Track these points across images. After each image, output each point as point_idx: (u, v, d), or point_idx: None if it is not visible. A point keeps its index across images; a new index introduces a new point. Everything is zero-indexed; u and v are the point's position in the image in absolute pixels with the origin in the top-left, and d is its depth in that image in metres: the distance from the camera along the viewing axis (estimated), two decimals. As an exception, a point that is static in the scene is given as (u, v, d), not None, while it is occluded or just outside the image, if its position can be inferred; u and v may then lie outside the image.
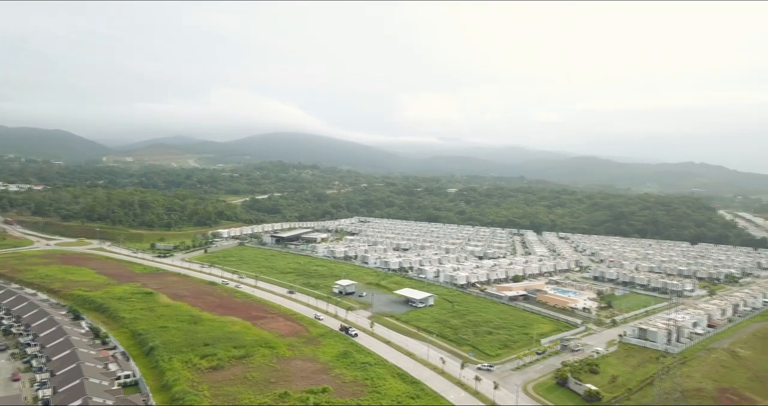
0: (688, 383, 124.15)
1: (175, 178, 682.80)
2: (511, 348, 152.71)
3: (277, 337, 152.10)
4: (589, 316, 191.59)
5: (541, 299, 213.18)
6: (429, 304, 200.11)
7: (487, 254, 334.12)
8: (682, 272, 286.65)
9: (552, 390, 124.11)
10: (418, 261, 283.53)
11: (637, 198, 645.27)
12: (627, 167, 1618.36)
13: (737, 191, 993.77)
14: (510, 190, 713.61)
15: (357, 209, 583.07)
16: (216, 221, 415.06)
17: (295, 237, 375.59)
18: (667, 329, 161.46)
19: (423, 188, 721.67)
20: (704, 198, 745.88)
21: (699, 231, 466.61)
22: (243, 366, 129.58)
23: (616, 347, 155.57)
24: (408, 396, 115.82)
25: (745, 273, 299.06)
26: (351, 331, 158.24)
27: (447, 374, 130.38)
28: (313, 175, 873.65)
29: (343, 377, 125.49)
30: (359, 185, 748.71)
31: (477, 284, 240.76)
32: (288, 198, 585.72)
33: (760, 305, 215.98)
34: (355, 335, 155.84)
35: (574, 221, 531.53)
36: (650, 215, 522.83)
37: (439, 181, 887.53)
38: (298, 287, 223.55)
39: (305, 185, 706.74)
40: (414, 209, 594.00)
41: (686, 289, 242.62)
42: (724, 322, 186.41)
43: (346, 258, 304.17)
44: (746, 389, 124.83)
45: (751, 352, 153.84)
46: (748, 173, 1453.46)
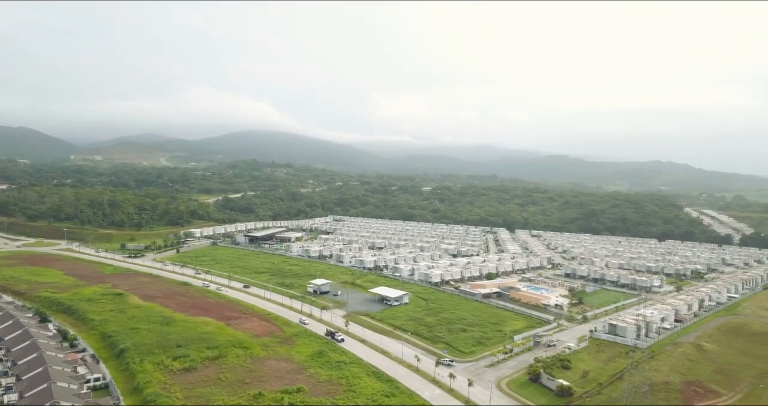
0: (656, 376, 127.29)
1: (146, 176, 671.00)
2: (485, 345, 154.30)
3: (251, 337, 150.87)
4: (561, 312, 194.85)
5: (514, 296, 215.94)
6: (404, 302, 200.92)
7: (461, 251, 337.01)
8: (650, 268, 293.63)
9: (525, 386, 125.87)
10: (393, 259, 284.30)
11: (607, 196, 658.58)
12: (597, 166, 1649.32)
13: (702, 189, 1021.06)
14: (483, 189, 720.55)
15: (332, 208, 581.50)
16: (188, 220, 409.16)
17: (269, 236, 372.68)
18: (636, 324, 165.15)
19: (398, 187, 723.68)
20: (671, 196, 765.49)
21: (666, 228, 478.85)
22: (216, 367, 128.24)
23: (587, 343, 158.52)
24: (383, 394, 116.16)
25: (710, 269, 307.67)
26: (337, 336, 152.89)
27: (422, 371, 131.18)
28: (287, 173, 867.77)
29: (318, 376, 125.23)
30: (334, 184, 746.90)
31: (451, 282, 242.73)
32: (261, 197, 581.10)
33: (725, 299, 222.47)
34: (342, 340, 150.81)
35: (546, 219, 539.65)
36: (620, 212, 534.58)
37: (414, 179, 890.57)
38: (272, 287, 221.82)
39: (279, 184, 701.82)
40: (389, 208, 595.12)
41: (654, 285, 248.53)
42: (690, 317, 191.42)
43: (320, 257, 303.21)
44: (711, 382, 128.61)
45: (716, 345, 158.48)
46: (712, 172, 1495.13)
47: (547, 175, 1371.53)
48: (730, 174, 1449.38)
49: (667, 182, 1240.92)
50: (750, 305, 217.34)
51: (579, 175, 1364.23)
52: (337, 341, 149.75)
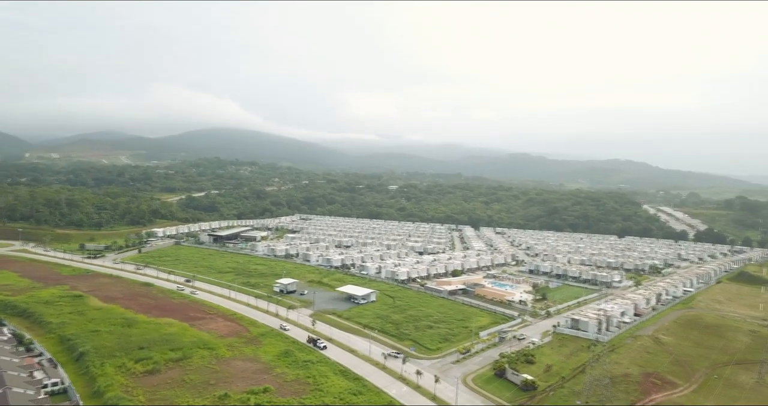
0: (616, 369, 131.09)
1: (106, 175, 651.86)
2: (452, 341, 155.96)
3: (216, 338, 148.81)
4: (525, 308, 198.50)
5: (479, 293, 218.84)
6: (371, 300, 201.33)
7: (427, 249, 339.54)
8: (610, 264, 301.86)
9: (490, 381, 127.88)
10: (360, 258, 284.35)
11: (569, 194, 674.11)
12: (559, 164, 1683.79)
13: (659, 187, 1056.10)
14: (449, 187, 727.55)
15: (298, 207, 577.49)
16: (150, 219, 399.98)
17: (233, 235, 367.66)
18: (597, 318, 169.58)
19: (364, 185, 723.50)
20: (630, 193, 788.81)
21: (626, 225, 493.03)
22: (180, 369, 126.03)
23: (550, 338, 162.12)
24: (350, 393, 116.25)
25: (667, 264, 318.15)
26: (319, 343, 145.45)
27: (389, 369, 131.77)
28: (251, 172, 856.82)
29: (285, 376, 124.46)
30: (300, 182, 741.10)
31: (417, 279, 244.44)
32: (226, 196, 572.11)
33: (681, 293, 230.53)
34: (324, 347, 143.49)
35: (510, 217, 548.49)
36: (581, 209, 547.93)
37: (381, 178, 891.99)
38: (237, 287, 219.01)
39: (244, 182, 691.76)
40: (356, 206, 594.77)
41: (615, 280, 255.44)
42: (648, 310, 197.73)
43: (287, 256, 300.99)
44: (668, 373, 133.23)
45: (673, 338, 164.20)
46: (668, 170, 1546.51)
47: (511, 173, 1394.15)
48: (685, 172, 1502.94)
49: (626, 180, 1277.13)
50: (704, 299, 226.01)
51: (542, 174, 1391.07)
52: (319, 348, 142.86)
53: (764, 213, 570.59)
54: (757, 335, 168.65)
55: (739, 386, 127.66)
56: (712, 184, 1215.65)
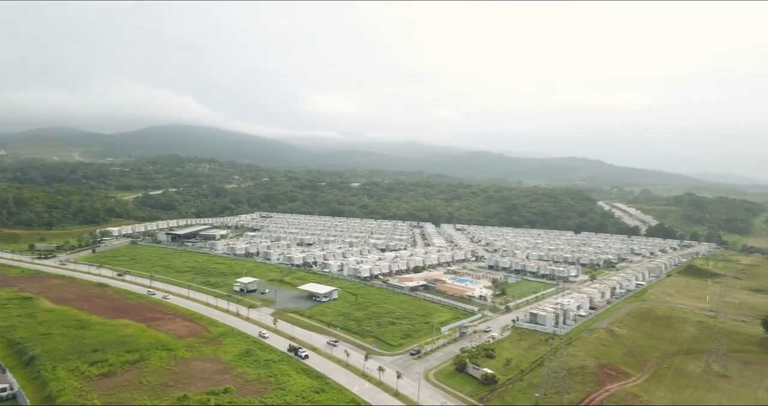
0: (573, 361, 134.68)
1: (57, 172, 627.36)
2: (413, 337, 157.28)
3: (174, 338, 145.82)
4: (485, 303, 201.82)
5: (440, 289, 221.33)
6: (333, 298, 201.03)
7: (389, 246, 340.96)
8: (567, 259, 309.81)
9: (452, 376, 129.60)
10: (322, 256, 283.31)
11: (527, 191, 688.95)
12: (517, 162, 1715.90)
13: (613, 184, 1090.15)
14: (410, 185, 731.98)
15: (258, 204, 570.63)
16: (105, 218, 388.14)
17: (192, 234, 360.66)
18: (554, 312, 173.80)
19: (326, 183, 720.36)
20: (586, 190, 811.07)
21: (582, 221, 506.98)
22: (137, 371, 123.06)
23: (510, 332, 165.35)
24: (313, 391, 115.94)
25: (620, 258, 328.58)
26: (301, 352, 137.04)
27: (351, 366, 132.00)
28: (210, 169, 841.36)
29: (246, 375, 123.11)
30: (260, 180, 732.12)
31: (380, 276, 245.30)
32: (184, 194, 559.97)
33: (633, 287, 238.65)
34: (306, 356, 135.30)
35: (470, 213, 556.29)
36: (539, 206, 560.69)
37: (343, 175, 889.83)
38: (196, 286, 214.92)
39: (202, 180, 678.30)
40: (318, 204, 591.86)
41: (571, 275, 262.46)
42: (603, 304, 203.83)
43: (247, 255, 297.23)
44: (622, 364, 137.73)
45: (626, 330, 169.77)
46: (622, 167, 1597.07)
47: (471, 170, 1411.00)
48: (638, 169, 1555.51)
49: (582, 177, 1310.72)
50: (655, 292, 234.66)
51: (501, 171, 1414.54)
52: (301, 357, 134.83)
53: (711, 209, 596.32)
54: (703, 326, 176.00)
55: (687, 375, 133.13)
56: (664, 181, 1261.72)
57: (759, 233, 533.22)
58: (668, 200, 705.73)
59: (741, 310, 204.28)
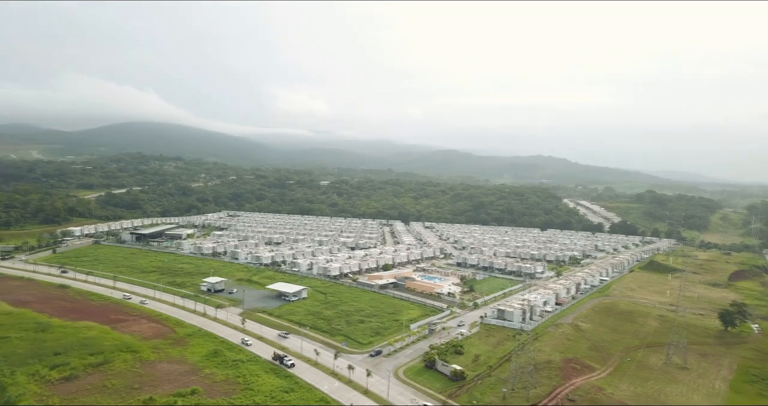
0: (540, 356, 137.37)
1: (15, 171, 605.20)
2: (383, 335, 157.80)
3: (139, 340, 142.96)
4: (453, 300, 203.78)
5: (409, 286, 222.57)
6: (302, 297, 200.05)
7: (358, 244, 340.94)
8: (533, 256, 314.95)
9: (421, 373, 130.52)
10: (291, 254, 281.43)
11: (494, 189, 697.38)
12: (485, 160, 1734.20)
13: (578, 182, 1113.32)
14: (380, 183, 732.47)
15: (226, 203, 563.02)
16: (66, 218, 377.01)
17: (158, 234, 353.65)
18: (522, 308, 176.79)
19: (295, 181, 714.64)
20: (551, 188, 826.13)
21: (547, 218, 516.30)
22: (101, 374, 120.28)
23: (478, 328, 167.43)
24: (282, 390, 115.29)
25: (585, 255, 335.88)
26: (286, 360, 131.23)
27: (321, 365, 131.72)
28: (176, 167, 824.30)
29: (214, 376, 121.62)
30: (228, 178, 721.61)
31: (349, 275, 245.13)
32: (149, 192, 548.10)
33: (597, 282, 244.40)
34: (292, 365, 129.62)
35: (439, 211, 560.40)
36: (506, 204, 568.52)
37: (312, 173, 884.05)
38: (162, 287, 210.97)
39: (168, 178, 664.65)
40: (286, 202, 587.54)
41: (537, 271, 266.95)
42: (568, 299, 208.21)
43: (214, 254, 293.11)
44: (586, 358, 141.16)
45: (590, 325, 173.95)
46: (586, 166, 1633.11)
47: (440, 169, 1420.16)
48: (601, 168, 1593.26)
49: (547, 175, 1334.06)
50: (618, 287, 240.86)
51: (469, 169, 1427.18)
52: (287, 366, 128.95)
53: (671, 206, 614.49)
54: (664, 320, 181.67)
55: (649, 368, 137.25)
56: (626, 179, 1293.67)
57: (716, 229, 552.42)
58: (630, 198, 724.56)
59: (699, 304, 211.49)
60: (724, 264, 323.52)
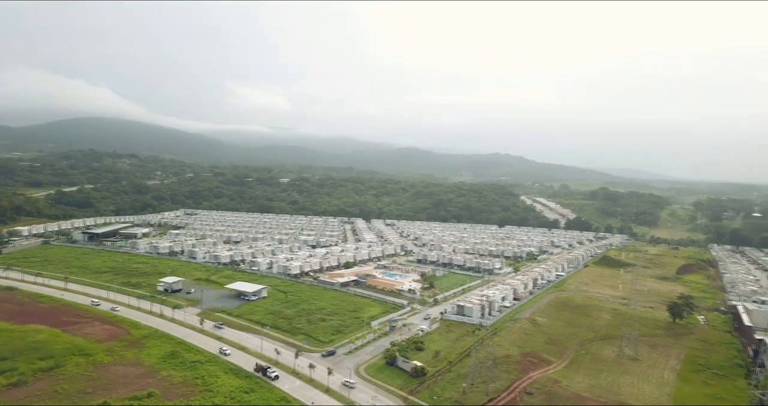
0: (498, 351, 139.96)
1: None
2: (344, 333, 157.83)
3: (93, 343, 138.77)
4: (414, 297, 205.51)
5: (370, 284, 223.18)
6: (262, 296, 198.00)
7: (320, 242, 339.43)
8: (492, 252, 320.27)
9: (382, 370, 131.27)
10: (250, 253, 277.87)
11: (453, 186, 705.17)
12: (444, 158, 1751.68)
13: (535, 179, 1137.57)
14: (341, 180, 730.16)
15: (183, 201, 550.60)
16: (13, 217, 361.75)
17: (111, 233, 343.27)
18: (481, 304, 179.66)
19: (254, 178, 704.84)
20: (509, 185, 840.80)
21: (505, 215, 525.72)
22: (52, 379, 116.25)
23: (438, 324, 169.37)
24: (242, 391, 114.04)
25: (541, 251, 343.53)
26: (270, 372, 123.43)
27: (282, 364, 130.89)
28: (131, 164, 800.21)
29: (172, 378, 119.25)
30: (185, 175, 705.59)
31: (310, 273, 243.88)
32: (102, 190, 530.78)
33: (553, 278, 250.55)
34: (276, 377, 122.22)
35: (400, 209, 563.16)
36: (465, 201, 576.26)
37: (272, 171, 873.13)
38: (116, 288, 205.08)
39: (122, 176, 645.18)
40: (245, 200, 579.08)
41: (496, 267, 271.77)
42: (526, 295, 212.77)
43: (171, 254, 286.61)
44: (543, 352, 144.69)
45: (547, 319, 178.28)
46: (542, 163, 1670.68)
47: (401, 166, 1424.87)
48: (557, 165, 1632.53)
49: (505, 173, 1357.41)
50: (574, 282, 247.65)
51: (429, 167, 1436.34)
52: (270, 378, 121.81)
53: (623, 203, 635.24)
54: (617, 313, 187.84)
55: (603, 360, 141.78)
56: (581, 176, 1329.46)
57: (665, 224, 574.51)
58: (585, 195, 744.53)
59: (649, 297, 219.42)
60: (673, 258, 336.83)
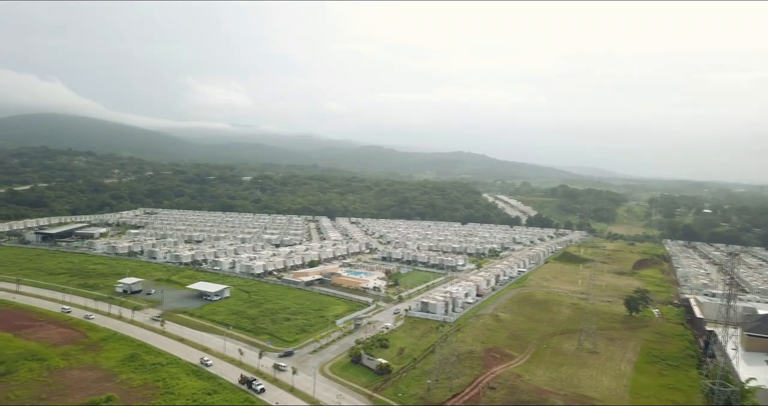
0: (462, 347, 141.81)
1: None
2: (309, 332, 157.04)
3: (47, 347, 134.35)
4: (379, 294, 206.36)
5: (335, 282, 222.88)
6: (225, 296, 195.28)
7: (283, 241, 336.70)
8: (455, 249, 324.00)
9: (347, 368, 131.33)
10: (212, 253, 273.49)
11: (417, 184, 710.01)
12: (408, 156, 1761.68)
13: (497, 177, 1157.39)
14: (305, 178, 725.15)
15: (142, 200, 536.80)
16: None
17: (67, 233, 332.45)
18: (444, 301, 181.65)
19: (216, 176, 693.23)
20: (471, 183, 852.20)
21: (468, 212, 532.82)
22: (3, 385, 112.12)
23: (402, 321, 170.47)
24: (204, 393, 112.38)
25: (503, 247, 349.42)
26: (256, 385, 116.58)
27: (245, 365, 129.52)
28: (87, 163, 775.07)
29: (131, 381, 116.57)
30: (144, 174, 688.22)
31: (274, 272, 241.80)
32: (57, 189, 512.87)
33: (515, 274, 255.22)
34: (262, 389, 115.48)
35: (364, 207, 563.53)
36: (429, 199, 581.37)
37: (234, 169, 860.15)
38: (72, 289, 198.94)
39: (78, 174, 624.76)
40: (207, 199, 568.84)
41: (459, 264, 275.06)
42: (489, 291, 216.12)
43: (130, 254, 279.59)
44: (506, 347, 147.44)
45: (509, 315, 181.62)
46: (504, 161, 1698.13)
47: (365, 164, 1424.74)
48: (518, 163, 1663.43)
49: (468, 171, 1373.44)
50: (535, 278, 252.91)
51: (392, 165, 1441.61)
52: (256, 391, 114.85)
53: (582, 200, 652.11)
54: (576, 307, 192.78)
55: (563, 354, 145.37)
56: (541, 174, 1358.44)
57: (622, 221, 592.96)
58: (545, 192, 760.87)
59: (607, 291, 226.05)
60: (629, 254, 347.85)
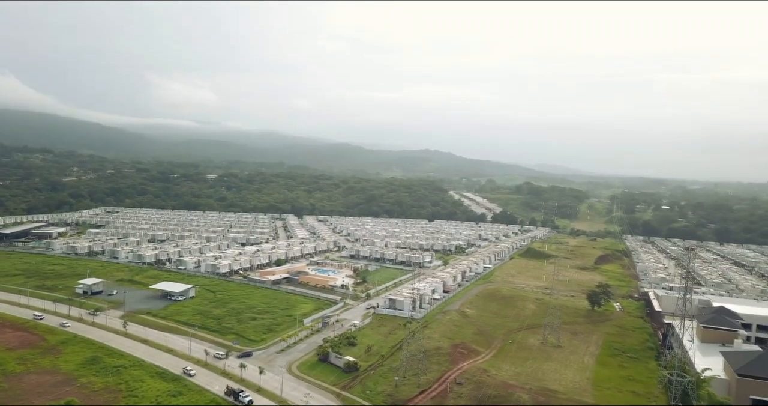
0: (429, 343, 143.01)
1: None
2: (276, 331, 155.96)
3: (3, 351, 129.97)
4: (347, 292, 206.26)
5: (303, 281, 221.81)
6: (189, 296, 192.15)
7: (250, 240, 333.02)
8: (422, 246, 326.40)
9: (315, 367, 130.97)
10: (176, 252, 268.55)
11: (384, 182, 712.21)
12: (375, 154, 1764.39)
13: (462, 174, 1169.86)
14: (271, 176, 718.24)
15: (103, 199, 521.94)
16: None
17: (23, 233, 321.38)
18: (412, 297, 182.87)
19: (180, 174, 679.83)
20: (438, 181, 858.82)
21: (435, 210, 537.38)
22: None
23: (370, 319, 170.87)
24: (169, 394, 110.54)
25: (469, 244, 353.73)
26: (243, 397, 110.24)
27: (211, 365, 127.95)
28: (44, 160, 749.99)
29: (92, 385, 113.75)
30: (105, 171, 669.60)
31: (240, 271, 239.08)
32: (12, 188, 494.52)
33: (481, 270, 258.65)
34: (250, 401, 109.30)
35: (332, 204, 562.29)
36: (396, 197, 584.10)
37: (198, 166, 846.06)
38: (29, 291, 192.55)
39: (35, 172, 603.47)
40: (171, 197, 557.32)
41: (426, 261, 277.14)
42: (455, 287, 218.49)
43: (90, 254, 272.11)
44: (473, 342, 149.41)
45: (475, 310, 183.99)
46: (470, 159, 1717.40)
47: (332, 162, 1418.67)
48: (483, 161, 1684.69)
49: (434, 169, 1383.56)
50: (500, 274, 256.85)
51: (360, 163, 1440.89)
52: (243, 403, 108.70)
53: (545, 197, 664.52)
54: (541, 303, 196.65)
55: (528, 348, 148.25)
56: (506, 171, 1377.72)
57: (584, 217, 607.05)
58: (510, 189, 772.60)
59: (571, 286, 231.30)
60: (591, 249, 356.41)
